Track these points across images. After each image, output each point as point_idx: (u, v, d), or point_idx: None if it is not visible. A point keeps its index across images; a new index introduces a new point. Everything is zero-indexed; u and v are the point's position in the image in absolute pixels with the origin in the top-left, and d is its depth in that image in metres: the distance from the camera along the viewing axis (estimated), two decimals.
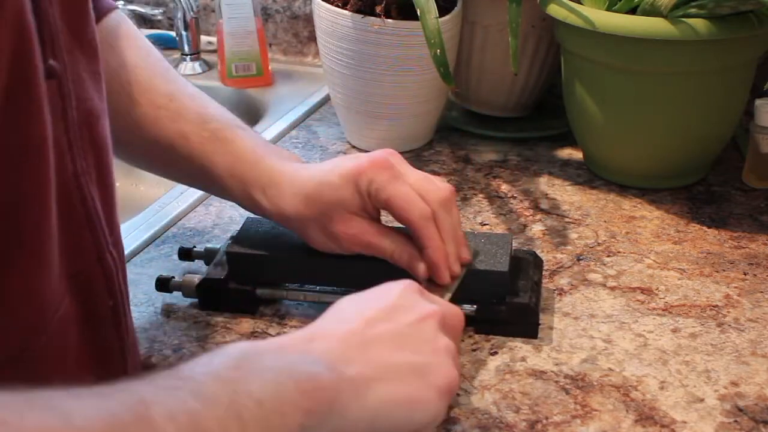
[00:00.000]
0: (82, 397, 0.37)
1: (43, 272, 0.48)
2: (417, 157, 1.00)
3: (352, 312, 0.50)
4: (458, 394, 0.61)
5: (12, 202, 0.44)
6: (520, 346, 0.67)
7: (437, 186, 0.65)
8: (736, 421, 0.59)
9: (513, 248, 0.71)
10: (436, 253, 0.63)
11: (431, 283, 0.64)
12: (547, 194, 0.91)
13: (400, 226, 0.66)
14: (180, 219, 0.87)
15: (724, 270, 0.76)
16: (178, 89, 0.70)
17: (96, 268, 0.54)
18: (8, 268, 0.45)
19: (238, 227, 0.75)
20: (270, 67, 1.26)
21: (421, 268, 0.64)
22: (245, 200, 0.68)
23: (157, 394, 0.38)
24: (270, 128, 1.08)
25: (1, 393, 0.34)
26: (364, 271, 0.67)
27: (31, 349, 0.49)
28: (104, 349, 0.56)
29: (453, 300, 0.62)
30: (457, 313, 0.55)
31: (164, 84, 0.70)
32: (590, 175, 0.95)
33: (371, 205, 0.65)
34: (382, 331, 0.49)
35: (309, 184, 0.65)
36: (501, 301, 0.67)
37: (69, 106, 0.49)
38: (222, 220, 0.86)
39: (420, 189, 0.64)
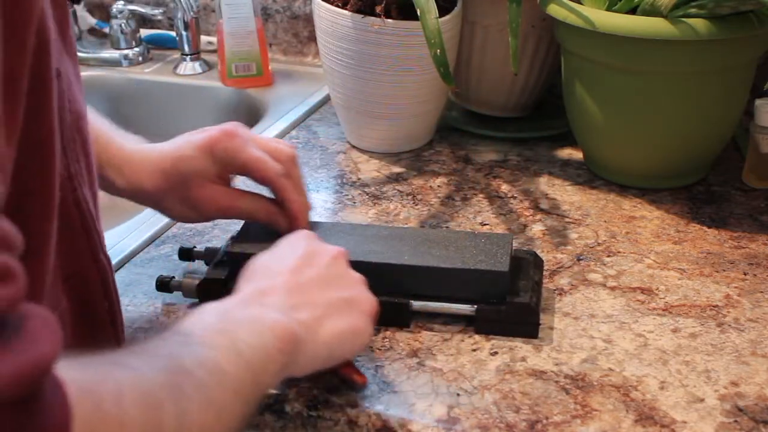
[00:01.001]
0: (135, 355, 0.43)
1: (44, 274, 0.48)
2: (417, 157, 1.00)
3: (277, 267, 0.58)
4: (458, 394, 0.61)
5: (21, 203, 0.45)
6: (520, 346, 0.67)
7: (283, 146, 0.73)
8: (736, 421, 0.59)
9: (513, 248, 0.71)
10: (295, 205, 0.70)
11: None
12: (547, 194, 0.91)
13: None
14: None
15: (724, 270, 0.76)
16: None
17: (91, 269, 0.55)
18: None
19: (238, 227, 0.75)
20: (270, 67, 1.26)
21: (282, 221, 0.71)
22: (97, 179, 0.70)
23: (178, 348, 0.45)
24: (270, 128, 1.08)
25: (77, 357, 0.39)
26: (364, 270, 0.67)
27: None
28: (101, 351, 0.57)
29: None
30: (346, 251, 0.63)
31: None
32: (590, 175, 0.95)
33: (226, 171, 0.71)
34: (310, 276, 0.58)
35: (167, 160, 0.70)
36: (501, 301, 0.67)
37: (64, 107, 0.50)
38: (222, 220, 0.86)
39: (269, 150, 0.71)
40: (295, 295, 0.56)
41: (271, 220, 0.71)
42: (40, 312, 0.36)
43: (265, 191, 0.73)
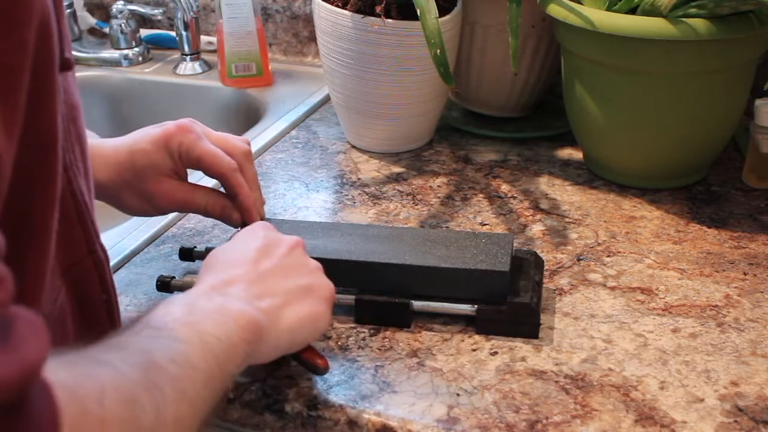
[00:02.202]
0: (108, 350, 0.44)
1: (46, 265, 0.48)
2: (417, 157, 1.00)
3: (237, 258, 0.59)
4: (458, 394, 0.61)
5: (26, 194, 0.45)
6: (520, 346, 0.67)
7: (237, 141, 0.74)
8: (736, 421, 0.59)
9: (514, 248, 0.71)
10: (247, 200, 0.72)
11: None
12: (547, 194, 0.91)
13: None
14: (180, 219, 0.87)
15: (724, 270, 0.76)
16: None
17: (88, 261, 0.55)
18: (19, 263, 0.46)
19: (237, 227, 0.75)
20: (270, 67, 1.26)
21: (235, 215, 0.73)
22: None
23: (149, 343, 0.46)
24: (270, 128, 1.08)
25: (62, 353, 0.40)
26: (364, 269, 0.67)
27: None
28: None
29: None
30: (303, 241, 0.64)
31: None
32: (590, 175, 0.95)
33: (182, 165, 0.72)
34: (270, 266, 0.59)
35: (122, 153, 0.71)
36: (502, 301, 0.67)
37: (59, 99, 0.50)
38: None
39: (223, 146, 0.72)
40: (257, 285, 0.57)
41: (225, 215, 0.73)
42: (28, 315, 0.36)
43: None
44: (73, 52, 0.73)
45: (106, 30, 1.38)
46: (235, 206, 0.72)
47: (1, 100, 0.39)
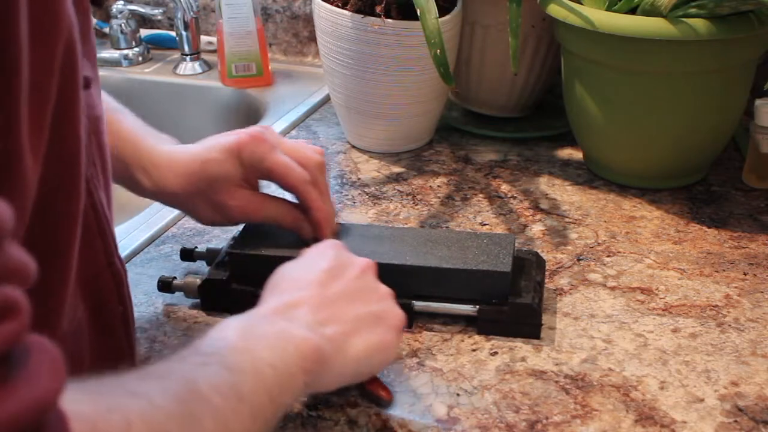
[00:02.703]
0: (146, 379, 0.42)
1: (68, 282, 0.48)
2: (417, 157, 1.00)
3: (304, 279, 0.57)
4: (458, 394, 0.61)
5: (50, 211, 0.45)
6: (520, 346, 0.67)
7: (311, 152, 0.71)
8: (736, 421, 0.59)
9: (515, 248, 0.71)
10: (319, 213, 0.69)
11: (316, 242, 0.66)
12: (547, 194, 0.91)
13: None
14: (180, 219, 0.87)
15: (724, 270, 0.76)
16: None
17: (106, 273, 0.55)
18: (43, 280, 0.46)
19: (237, 227, 0.75)
20: (270, 67, 1.26)
21: (307, 228, 0.70)
22: (125, 180, 0.70)
23: (195, 370, 0.44)
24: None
25: (88, 382, 0.38)
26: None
27: None
28: (116, 356, 0.57)
29: None
30: (375, 264, 0.61)
31: None
32: (590, 175, 0.95)
33: (253, 176, 0.70)
34: (338, 290, 0.56)
35: (194, 162, 0.69)
36: (503, 302, 0.67)
37: (81, 115, 0.49)
38: None
39: (296, 157, 0.70)
40: (323, 310, 0.54)
41: (297, 227, 0.70)
42: (44, 345, 0.35)
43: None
44: None
45: (106, 30, 1.38)
46: (308, 219, 0.70)
47: (31, 119, 0.38)
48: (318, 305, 0.54)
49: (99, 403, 0.38)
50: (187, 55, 1.31)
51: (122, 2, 1.34)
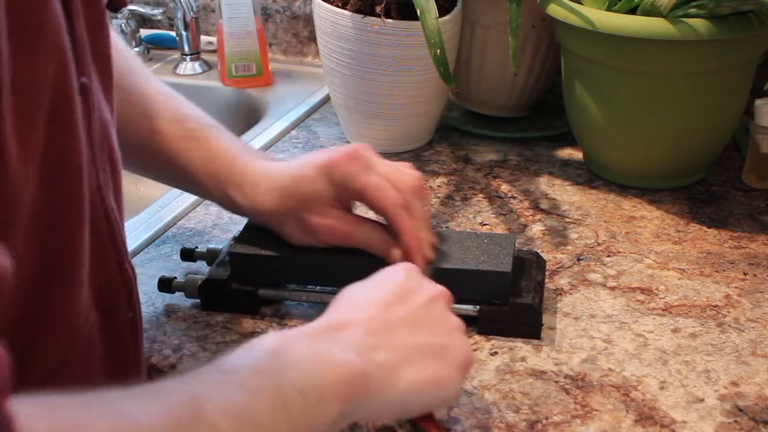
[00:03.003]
0: (139, 396, 0.39)
1: (79, 288, 0.48)
2: (417, 157, 1.00)
3: (366, 299, 0.52)
4: None
5: (54, 222, 0.44)
6: (520, 346, 0.67)
7: (407, 174, 0.67)
8: (736, 421, 0.59)
9: (516, 248, 0.71)
10: (410, 239, 0.65)
11: None
12: (547, 194, 0.91)
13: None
14: (180, 219, 0.87)
15: (724, 270, 0.76)
16: (153, 88, 0.70)
17: (117, 279, 0.54)
18: (49, 287, 0.46)
19: (238, 227, 0.75)
20: (270, 67, 1.26)
21: (397, 254, 0.66)
22: (221, 198, 0.69)
23: (206, 389, 0.40)
24: (270, 128, 1.08)
25: (63, 397, 0.36)
26: (366, 270, 0.67)
27: (68, 364, 0.49)
28: (124, 360, 0.57)
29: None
30: (449, 294, 0.57)
31: (139, 82, 0.69)
32: (590, 175, 0.95)
33: (345, 196, 0.66)
34: (400, 315, 0.51)
35: (285, 179, 0.67)
36: (504, 302, 0.67)
37: (93, 119, 0.49)
38: (222, 220, 0.86)
39: (391, 178, 0.65)
40: (378, 335, 0.49)
41: (386, 254, 0.66)
42: None
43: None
44: None
45: None
46: (398, 244, 0.66)
47: (18, 121, 0.38)
48: (373, 328, 0.50)
49: (64, 419, 0.35)
50: (187, 55, 1.31)
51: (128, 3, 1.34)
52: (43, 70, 0.40)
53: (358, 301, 0.52)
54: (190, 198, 0.89)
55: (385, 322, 0.50)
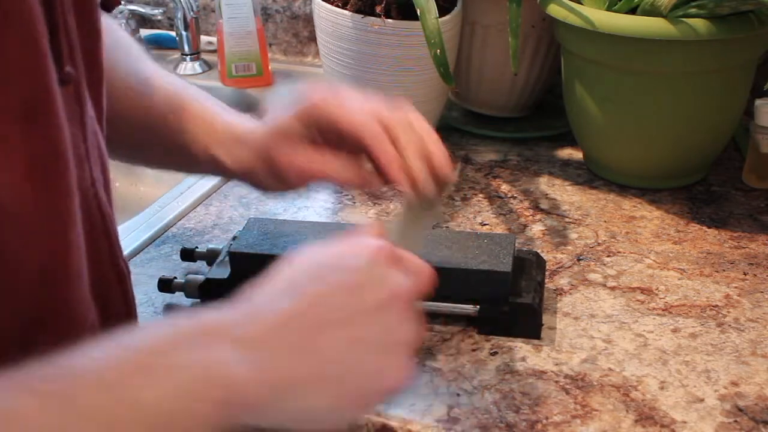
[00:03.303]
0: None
1: (79, 286, 0.48)
2: None
3: (308, 280, 0.44)
4: (458, 394, 0.61)
5: (42, 219, 0.44)
6: (520, 346, 0.67)
7: (391, 108, 0.61)
8: (736, 421, 0.59)
9: (516, 248, 0.71)
10: (390, 166, 0.58)
11: (412, 207, 0.60)
12: (547, 194, 0.91)
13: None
14: (180, 219, 0.87)
15: (724, 270, 0.76)
16: (141, 67, 0.69)
17: (111, 275, 0.54)
18: (51, 287, 0.46)
19: (237, 227, 0.75)
20: (270, 67, 1.26)
21: (377, 182, 0.60)
22: (207, 164, 0.67)
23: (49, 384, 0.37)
24: None
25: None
26: None
27: None
28: None
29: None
30: (422, 290, 0.49)
31: (131, 61, 0.68)
32: (590, 175, 0.95)
33: (318, 135, 0.62)
34: (337, 317, 0.43)
35: (256, 132, 0.65)
36: (504, 302, 0.67)
37: (85, 113, 0.49)
38: (222, 220, 0.86)
39: (372, 111, 0.60)
40: (295, 337, 0.42)
41: (365, 183, 0.61)
42: None
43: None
44: None
45: None
46: (378, 173, 0.60)
47: None
48: (293, 328, 0.42)
49: None
50: (187, 55, 1.31)
51: (122, 2, 1.34)
52: (15, 60, 0.40)
53: (297, 279, 0.44)
54: (190, 198, 0.89)
55: (313, 323, 0.42)
